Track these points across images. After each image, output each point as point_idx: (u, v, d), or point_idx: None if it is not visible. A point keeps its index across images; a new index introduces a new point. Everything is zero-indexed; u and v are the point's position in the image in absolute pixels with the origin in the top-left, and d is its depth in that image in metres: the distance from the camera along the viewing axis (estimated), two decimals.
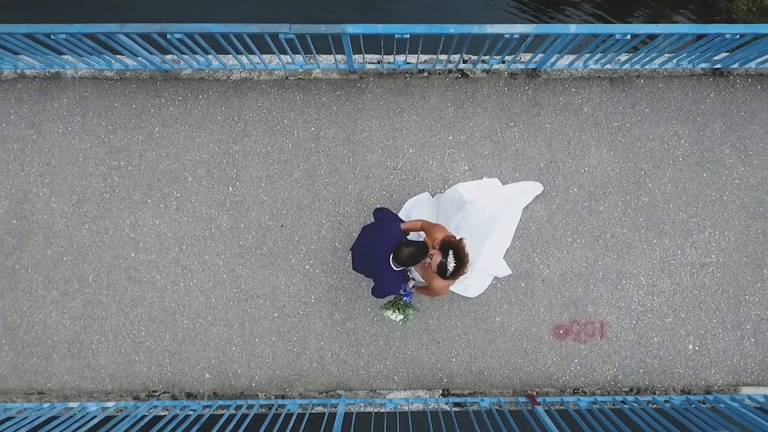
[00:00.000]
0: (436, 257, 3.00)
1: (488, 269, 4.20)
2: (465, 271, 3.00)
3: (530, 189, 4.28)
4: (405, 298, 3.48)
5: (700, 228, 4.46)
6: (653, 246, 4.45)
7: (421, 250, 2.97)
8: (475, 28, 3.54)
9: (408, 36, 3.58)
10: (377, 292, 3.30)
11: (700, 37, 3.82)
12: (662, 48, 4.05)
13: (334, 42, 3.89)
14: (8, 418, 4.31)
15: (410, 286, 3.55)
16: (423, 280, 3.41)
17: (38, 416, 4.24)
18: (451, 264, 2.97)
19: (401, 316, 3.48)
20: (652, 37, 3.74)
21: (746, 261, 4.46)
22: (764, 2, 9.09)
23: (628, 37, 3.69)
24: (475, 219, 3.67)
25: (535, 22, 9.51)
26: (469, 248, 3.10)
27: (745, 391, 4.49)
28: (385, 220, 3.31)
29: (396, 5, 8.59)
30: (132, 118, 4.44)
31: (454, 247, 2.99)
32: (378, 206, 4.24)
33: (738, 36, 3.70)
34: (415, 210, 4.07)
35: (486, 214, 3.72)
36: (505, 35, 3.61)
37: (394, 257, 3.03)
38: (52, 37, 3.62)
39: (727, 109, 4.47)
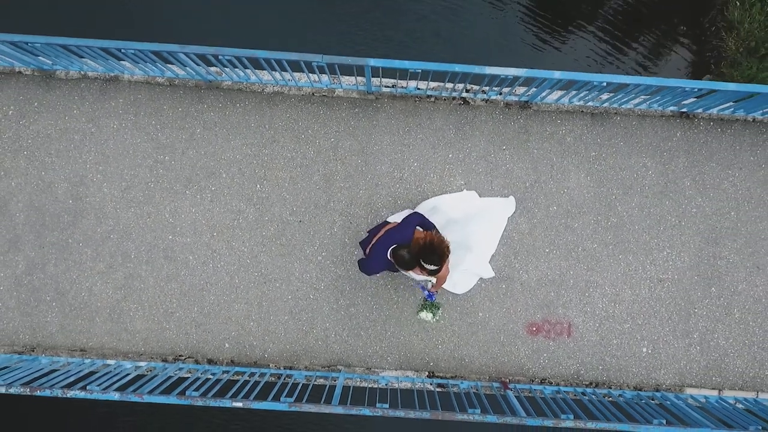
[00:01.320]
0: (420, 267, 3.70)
1: (475, 270, 4.94)
2: (448, 252, 3.64)
3: (505, 203, 4.98)
4: (429, 298, 4.22)
5: (659, 248, 5.17)
6: (618, 261, 5.16)
7: (410, 262, 3.68)
8: (476, 69, 4.26)
9: (420, 70, 4.30)
10: (362, 266, 4.07)
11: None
12: (636, 92, 4.76)
13: (357, 68, 4.60)
14: (53, 370, 5.01)
15: (429, 287, 4.26)
16: (417, 279, 4.14)
17: (80, 370, 4.95)
18: (431, 267, 3.64)
19: (433, 315, 4.25)
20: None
21: (697, 279, 5.18)
22: (751, 44, 9.77)
23: (604, 84, 4.41)
24: (456, 228, 4.37)
25: (543, 47, 10.28)
26: (452, 252, 3.79)
27: (689, 391, 5.20)
28: (411, 218, 3.99)
29: (415, 42, 9.35)
30: (177, 119, 5.15)
31: (424, 248, 3.62)
32: (404, 211, 4.86)
33: (696, 89, 4.41)
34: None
35: (465, 220, 4.45)
36: (501, 76, 4.33)
37: (392, 252, 3.74)
38: (123, 51, 4.34)
39: (690, 147, 5.18)
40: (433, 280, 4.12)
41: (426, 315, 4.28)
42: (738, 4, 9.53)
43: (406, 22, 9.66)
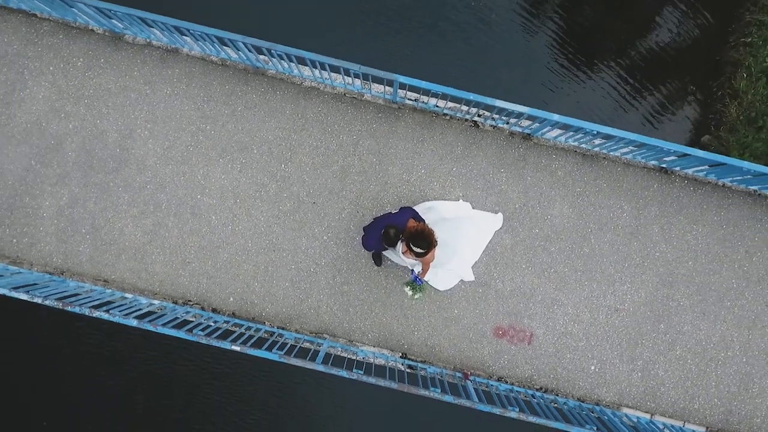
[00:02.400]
0: (407, 249, 4.49)
1: (458, 271, 5.65)
2: (434, 242, 4.41)
3: (493, 218, 5.68)
4: (417, 282, 4.93)
5: (621, 281, 5.87)
6: (583, 286, 5.86)
7: (394, 237, 4.49)
8: (488, 100, 4.95)
9: (441, 93, 5.00)
10: (363, 242, 4.99)
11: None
12: (623, 144, 5.45)
13: (387, 80, 5.29)
14: (76, 294, 5.71)
15: (416, 272, 4.97)
16: (406, 263, 4.85)
17: (101, 297, 5.66)
18: (418, 250, 4.40)
19: (416, 294, 4.99)
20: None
21: (649, 315, 5.87)
22: (751, 114, 10.46)
23: (595, 132, 5.11)
24: (446, 228, 5.07)
25: (562, 77, 11.02)
26: (440, 249, 4.54)
27: (625, 410, 5.90)
28: (404, 211, 4.78)
29: (445, 44, 10.10)
30: (223, 95, 5.85)
31: (412, 236, 4.41)
32: (402, 206, 5.59)
33: (672, 151, 5.10)
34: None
35: (455, 223, 5.17)
36: (508, 109, 5.03)
37: (384, 228, 4.51)
38: (190, 31, 5.03)
39: (663, 199, 5.87)
40: (420, 266, 4.84)
41: (408, 290, 5.01)
42: (745, 75, 10.22)
43: (442, 25, 10.41)
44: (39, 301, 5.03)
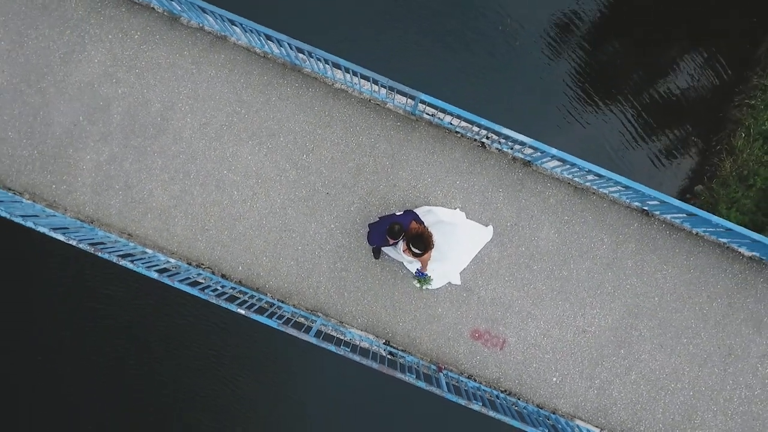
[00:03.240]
0: (407, 247, 5.10)
1: (447, 274, 6.25)
2: (431, 244, 5.03)
3: (484, 230, 6.28)
4: (422, 276, 5.56)
5: (592, 306, 6.47)
6: (557, 305, 6.47)
7: (398, 233, 5.07)
8: (496, 126, 5.56)
9: (456, 113, 5.60)
10: (368, 237, 5.56)
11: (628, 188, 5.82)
12: (611, 183, 6.05)
13: (410, 95, 5.89)
14: (101, 243, 6.31)
15: (417, 268, 5.60)
16: (404, 260, 5.46)
17: (124, 249, 6.26)
18: (416, 250, 5.01)
19: (424, 285, 5.69)
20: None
21: (612, 339, 6.49)
22: (744, 171, 11.06)
23: (587, 169, 5.71)
24: (441, 231, 5.67)
25: (575, 106, 11.65)
26: (436, 251, 5.15)
27: (578, 422, 6.51)
28: (408, 213, 5.38)
29: (469, 53, 10.74)
30: (260, 85, 6.45)
31: (413, 236, 5.02)
32: (406, 209, 6.21)
33: (653, 197, 5.70)
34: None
35: (451, 229, 5.78)
36: (513, 137, 5.63)
37: (387, 228, 5.12)
38: (242, 25, 5.62)
39: (641, 238, 6.48)
40: (419, 263, 5.46)
41: (417, 284, 5.71)
42: (744, 135, 10.83)
43: (468, 44, 11.05)
44: (74, 243, 5.64)
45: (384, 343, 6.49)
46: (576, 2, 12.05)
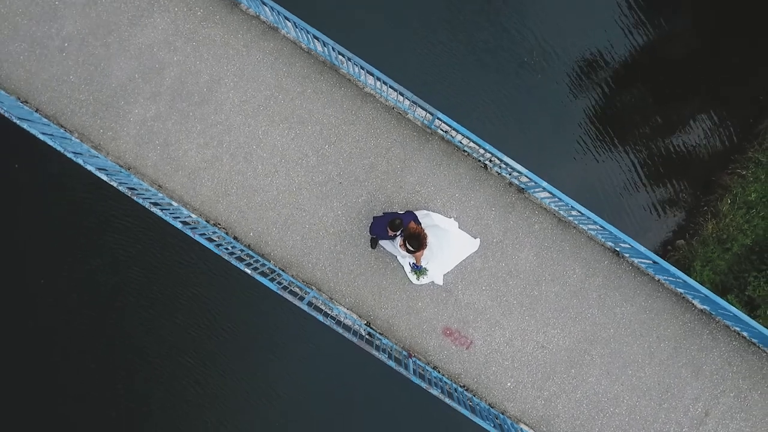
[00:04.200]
0: (403, 243, 5.86)
1: (432, 274, 7.01)
2: (424, 244, 5.80)
3: (472, 241, 7.04)
4: (417, 269, 6.34)
5: (554, 326, 7.24)
6: (524, 319, 7.24)
7: (398, 227, 5.82)
8: (498, 153, 6.32)
9: (466, 135, 6.36)
10: (371, 227, 6.31)
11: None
12: (592, 222, 6.81)
13: (429, 111, 6.65)
14: (134, 188, 7.06)
15: (413, 261, 6.36)
16: (398, 254, 6.23)
17: (154, 197, 7.02)
18: (410, 248, 5.78)
19: (419, 278, 6.54)
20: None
21: (566, 359, 7.26)
22: (723, 235, 11.80)
23: (571, 206, 6.48)
24: (434, 234, 6.44)
25: (585, 141, 12.39)
26: (428, 251, 5.92)
27: (522, 425, 7.28)
28: (409, 213, 6.15)
29: (498, 64, 11.52)
30: (299, 76, 7.20)
31: (410, 235, 5.78)
32: (408, 209, 6.96)
33: (624, 241, 6.46)
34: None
35: (443, 234, 6.54)
36: (511, 165, 6.39)
37: (389, 221, 5.87)
38: (296, 24, 6.38)
39: (608, 274, 7.24)
40: (412, 258, 6.23)
41: (413, 277, 6.55)
42: (730, 201, 11.59)
43: (494, 60, 11.84)
44: (114, 185, 6.40)
45: (365, 324, 7.25)
46: (607, 45, 12.78)
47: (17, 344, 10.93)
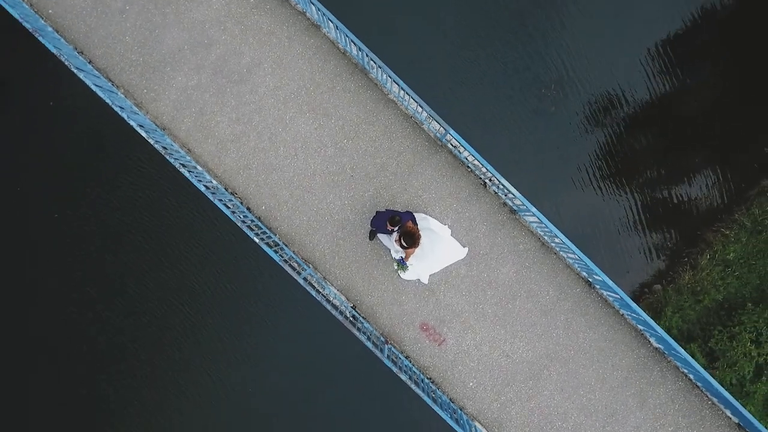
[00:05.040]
0: (399, 239, 6.54)
1: (419, 273, 7.70)
2: (417, 244, 6.48)
3: (461, 249, 7.71)
4: (403, 264, 7.02)
5: (520, 339, 7.93)
6: (494, 328, 7.92)
7: (396, 223, 6.50)
8: (498, 175, 7.00)
9: (473, 155, 7.05)
10: (372, 220, 7.01)
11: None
12: (571, 251, 7.48)
13: (443, 126, 7.33)
14: (166, 148, 7.73)
15: (401, 257, 7.04)
16: (392, 248, 6.92)
17: (182, 159, 7.70)
18: (404, 244, 6.46)
19: (400, 270, 7.19)
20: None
21: (527, 371, 7.94)
22: (697, 287, 12.45)
23: (554, 234, 7.15)
24: (427, 236, 7.11)
25: (588, 177, 13.02)
26: (420, 250, 6.61)
27: (476, 424, 7.97)
28: (408, 213, 6.84)
29: (489, 140, 12.22)
30: (332, 74, 7.88)
31: (406, 233, 6.46)
32: (408, 210, 7.64)
33: (596, 273, 7.15)
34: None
35: (436, 237, 7.23)
36: (508, 188, 7.08)
37: (390, 217, 6.55)
38: (337, 27, 7.06)
39: (579, 301, 7.93)
40: (403, 254, 6.92)
41: (396, 267, 7.25)
42: (709, 257, 12.26)
43: (504, 100, 12.52)
44: (151, 142, 7.10)
45: (352, 307, 7.94)
46: (627, 86, 13.39)
47: (29, 271, 11.66)
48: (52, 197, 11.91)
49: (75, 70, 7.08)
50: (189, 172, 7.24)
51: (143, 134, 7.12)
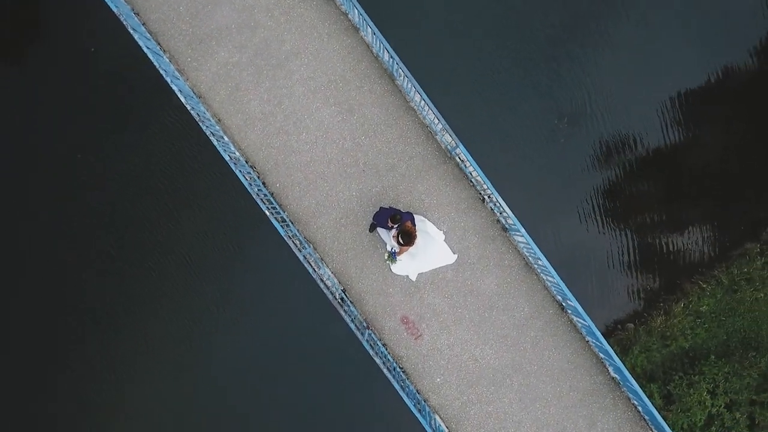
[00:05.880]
0: (396, 235, 7.18)
1: (409, 269, 8.33)
2: (413, 243, 7.11)
3: (451, 255, 8.34)
4: (394, 257, 7.65)
5: (490, 346, 8.56)
6: (468, 332, 8.56)
7: (396, 221, 7.14)
8: (496, 194, 7.62)
9: (476, 173, 7.68)
10: (375, 214, 7.62)
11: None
12: (550, 275, 8.10)
13: (454, 140, 7.96)
14: (200, 115, 8.35)
15: (396, 251, 7.67)
16: (388, 242, 7.56)
17: (212, 128, 8.33)
18: (399, 239, 7.10)
19: (390, 261, 7.78)
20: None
21: (491, 376, 8.57)
22: (667, 332, 13.06)
23: (537, 257, 7.78)
24: (423, 239, 7.74)
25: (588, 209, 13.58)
26: (414, 249, 7.25)
27: (437, 417, 8.60)
28: (409, 214, 7.47)
29: (496, 156, 12.80)
30: (362, 74, 8.51)
31: (405, 231, 7.10)
32: (409, 210, 8.27)
33: (570, 300, 7.78)
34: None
35: (431, 239, 7.86)
36: (502, 206, 7.71)
37: (392, 215, 7.18)
38: (375, 33, 7.69)
39: (550, 322, 8.55)
40: (398, 249, 7.56)
41: (386, 258, 7.86)
42: (683, 306, 12.87)
43: (515, 126, 13.12)
44: (188, 108, 7.75)
45: (342, 290, 8.58)
46: (641, 130, 13.95)
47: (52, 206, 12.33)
48: (74, 139, 12.51)
49: (130, 30, 7.71)
50: (217, 141, 7.86)
51: (182, 99, 7.75)
